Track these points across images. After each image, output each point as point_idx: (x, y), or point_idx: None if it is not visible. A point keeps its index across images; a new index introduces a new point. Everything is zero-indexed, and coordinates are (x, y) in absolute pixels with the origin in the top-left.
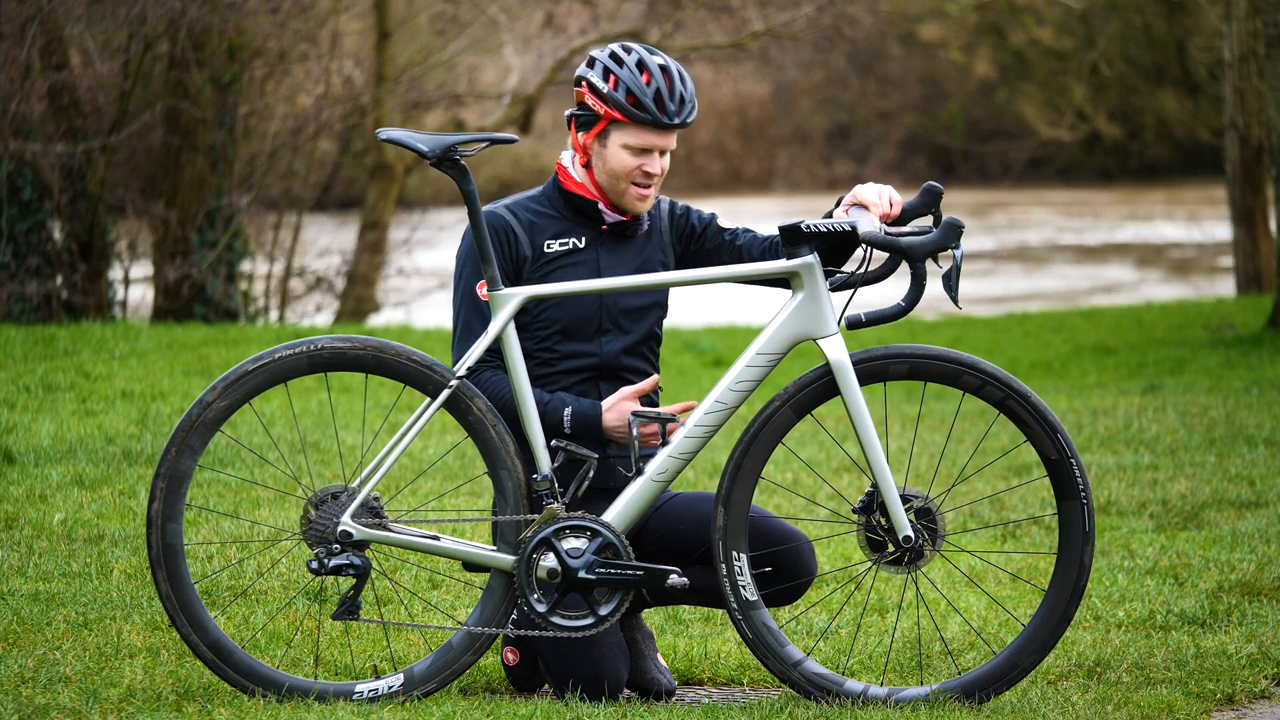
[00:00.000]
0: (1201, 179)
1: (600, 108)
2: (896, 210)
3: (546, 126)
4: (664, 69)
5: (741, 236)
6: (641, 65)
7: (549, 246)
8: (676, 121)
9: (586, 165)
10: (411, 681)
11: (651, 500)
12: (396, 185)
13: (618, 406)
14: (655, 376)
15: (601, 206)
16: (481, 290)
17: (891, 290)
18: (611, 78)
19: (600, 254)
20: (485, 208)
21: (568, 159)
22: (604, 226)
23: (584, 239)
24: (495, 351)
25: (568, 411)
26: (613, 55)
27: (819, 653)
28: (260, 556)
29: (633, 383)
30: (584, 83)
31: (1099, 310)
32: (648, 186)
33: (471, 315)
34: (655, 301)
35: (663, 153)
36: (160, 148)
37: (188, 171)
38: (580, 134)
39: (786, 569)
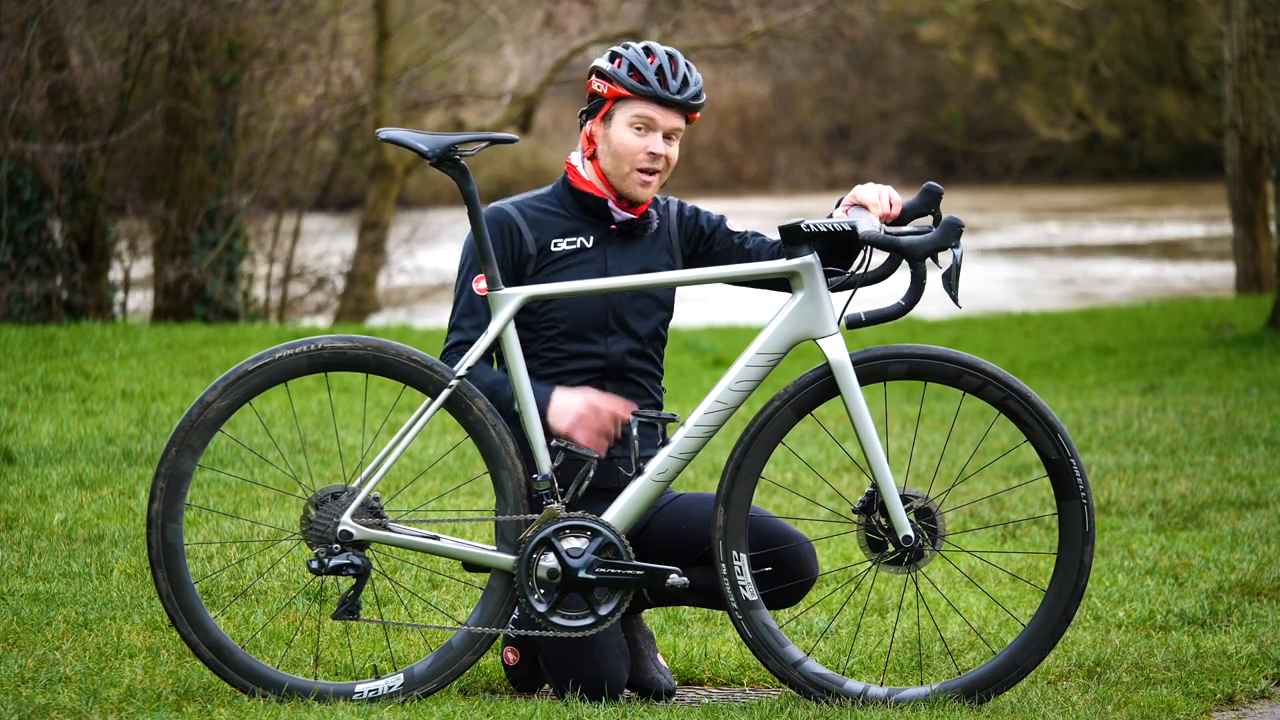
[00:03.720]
0: (1201, 179)
1: (605, 87)
2: (896, 210)
3: (546, 126)
4: (669, 54)
5: (750, 240)
6: (648, 50)
7: (556, 245)
8: (679, 98)
9: (593, 157)
10: (411, 681)
11: (652, 500)
12: (396, 185)
13: (569, 399)
14: (631, 410)
15: (611, 204)
16: (478, 285)
17: (892, 289)
18: (617, 59)
19: (608, 253)
20: (493, 204)
21: (577, 158)
22: (612, 226)
23: (592, 238)
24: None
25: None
26: (621, 44)
27: (819, 653)
28: (260, 556)
29: (639, 384)
30: (591, 73)
31: (1099, 310)
32: (651, 172)
33: (467, 311)
34: (661, 302)
35: (668, 137)
36: (160, 148)
37: (188, 171)
38: (589, 124)
39: (788, 569)
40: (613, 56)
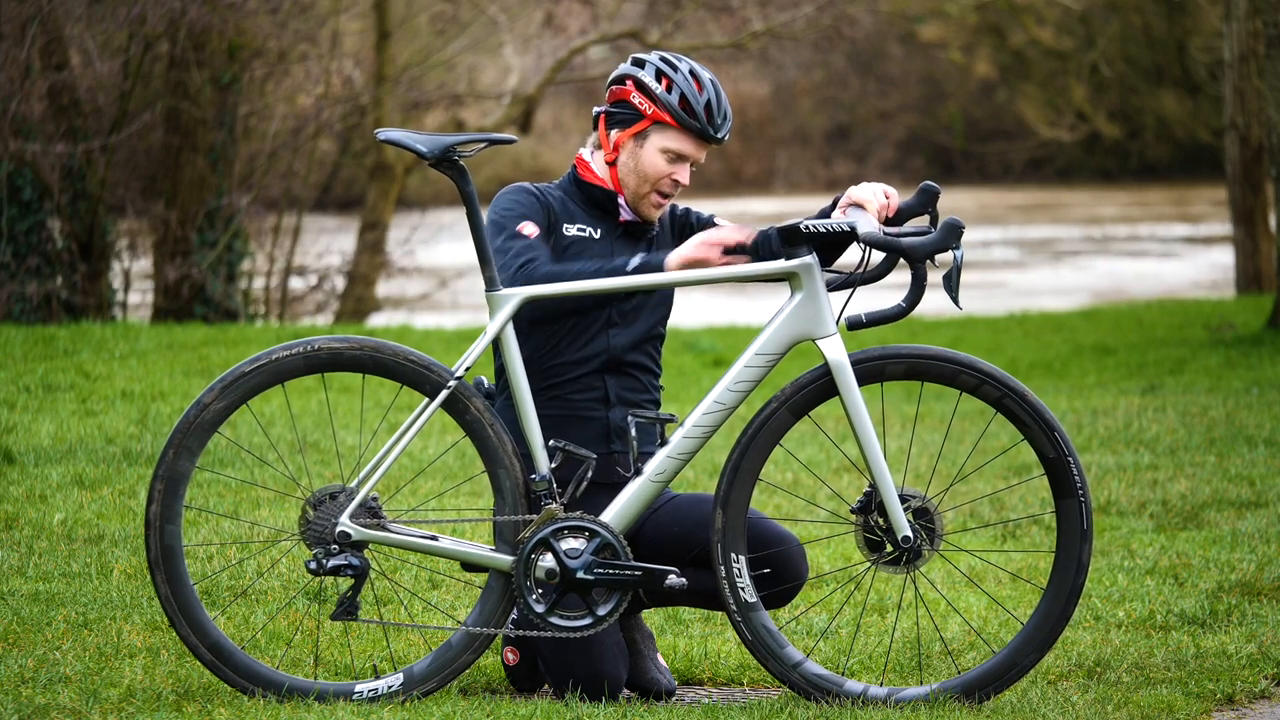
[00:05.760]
0: (1201, 179)
1: (648, 107)
2: (893, 207)
3: (546, 127)
4: (714, 83)
5: None
6: (694, 74)
7: (566, 230)
8: (719, 136)
9: (612, 163)
10: (411, 681)
11: (650, 501)
12: (396, 185)
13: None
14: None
15: (621, 200)
16: (523, 228)
17: (892, 290)
18: (664, 79)
19: (614, 246)
20: (511, 184)
21: (588, 153)
22: (619, 221)
23: (599, 230)
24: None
25: (634, 262)
26: (664, 59)
27: (819, 653)
28: (260, 557)
29: (638, 379)
30: (629, 80)
31: (1099, 310)
32: (668, 197)
33: (515, 235)
34: (662, 298)
35: (693, 165)
36: (160, 148)
37: (188, 171)
38: (614, 131)
39: (777, 572)
40: (659, 75)
